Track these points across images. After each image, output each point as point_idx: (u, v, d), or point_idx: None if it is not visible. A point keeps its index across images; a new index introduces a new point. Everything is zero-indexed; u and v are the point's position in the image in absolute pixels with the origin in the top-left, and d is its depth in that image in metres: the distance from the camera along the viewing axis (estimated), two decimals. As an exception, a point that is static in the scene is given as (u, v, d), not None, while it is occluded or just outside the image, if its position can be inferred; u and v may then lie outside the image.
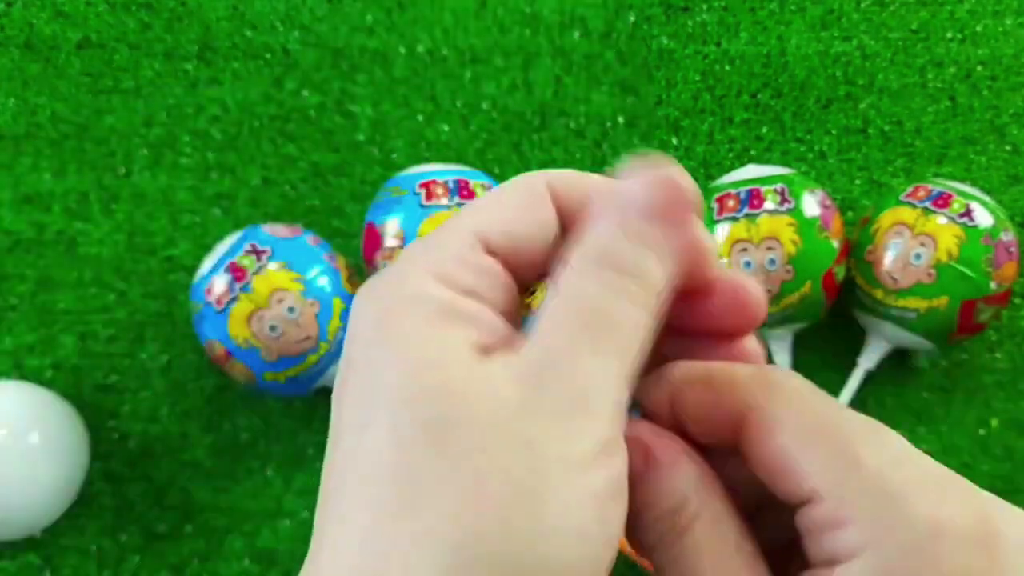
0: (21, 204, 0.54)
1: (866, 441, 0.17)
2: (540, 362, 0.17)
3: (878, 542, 0.16)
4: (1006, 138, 0.58)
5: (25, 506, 0.46)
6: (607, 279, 0.18)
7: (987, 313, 0.47)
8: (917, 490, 0.16)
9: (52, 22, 0.58)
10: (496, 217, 0.19)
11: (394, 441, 0.16)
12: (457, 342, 0.17)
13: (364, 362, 0.17)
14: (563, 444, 0.16)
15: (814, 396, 0.18)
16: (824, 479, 0.17)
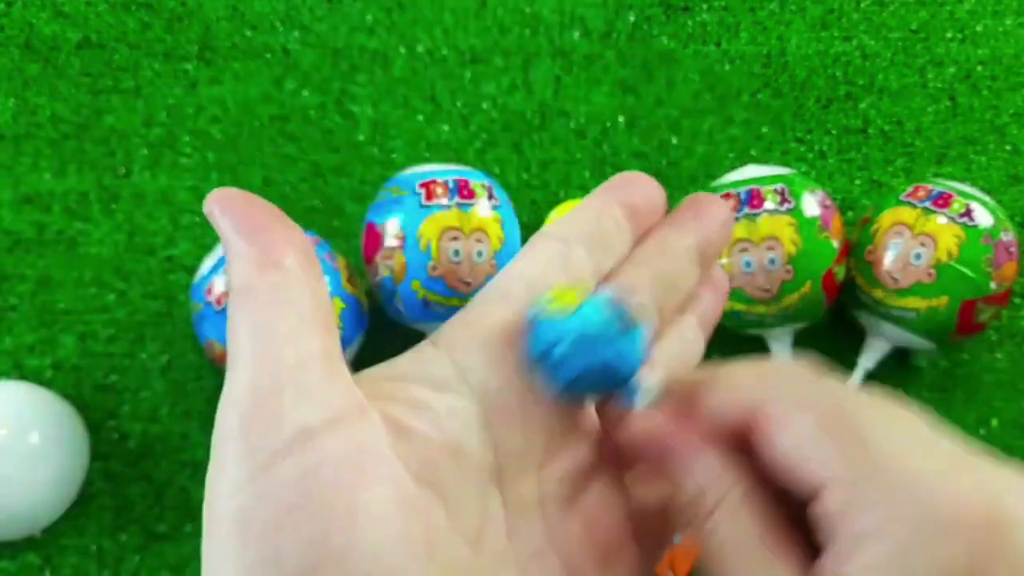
0: (21, 204, 0.54)
1: (877, 428, 0.17)
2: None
3: (893, 529, 0.16)
4: (1006, 138, 0.58)
5: (25, 506, 0.46)
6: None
7: (987, 313, 0.47)
8: (930, 477, 0.16)
9: (52, 22, 0.58)
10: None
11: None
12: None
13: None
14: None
15: (817, 387, 0.18)
16: (836, 469, 0.17)
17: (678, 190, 0.56)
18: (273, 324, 0.18)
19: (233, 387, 0.18)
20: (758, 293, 0.46)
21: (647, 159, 0.57)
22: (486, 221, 0.47)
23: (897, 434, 0.17)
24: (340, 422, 0.17)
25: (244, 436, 0.17)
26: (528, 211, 0.56)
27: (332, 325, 0.19)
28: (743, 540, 0.18)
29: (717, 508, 0.19)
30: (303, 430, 0.17)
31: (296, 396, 0.17)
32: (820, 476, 0.17)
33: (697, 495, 0.19)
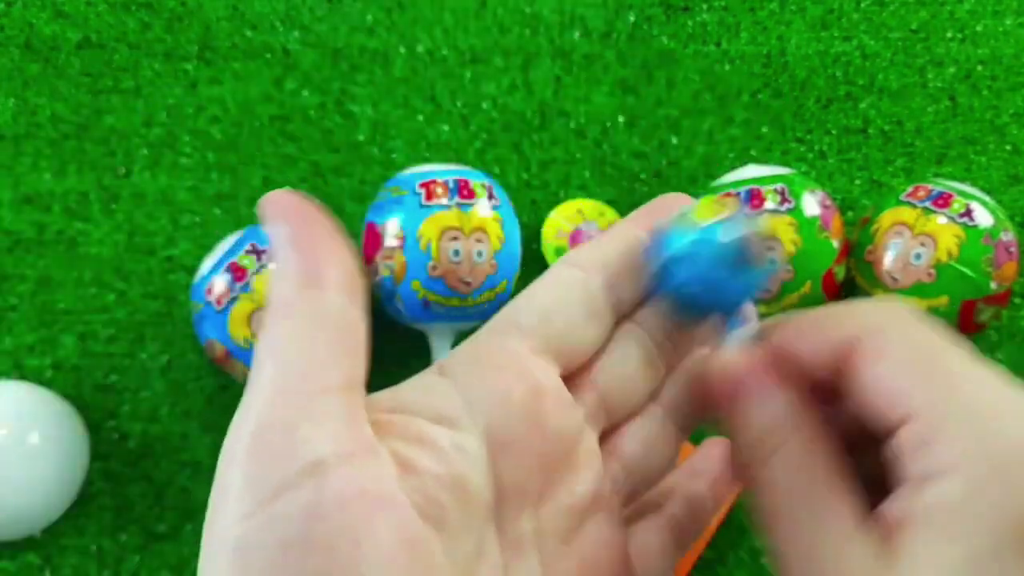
0: (21, 204, 0.54)
1: (963, 368, 0.17)
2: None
3: (970, 463, 0.16)
4: (1006, 138, 0.58)
5: (25, 506, 0.46)
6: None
7: (987, 313, 0.47)
8: (1010, 414, 0.16)
9: (52, 22, 0.58)
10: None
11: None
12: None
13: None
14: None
15: (916, 324, 0.18)
16: (921, 400, 0.17)
17: (678, 190, 0.56)
18: (300, 349, 0.17)
19: (247, 411, 0.17)
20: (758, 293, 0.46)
21: (647, 159, 0.57)
22: (486, 221, 0.47)
23: (985, 377, 0.17)
24: (351, 458, 0.17)
25: (252, 464, 0.17)
26: (528, 211, 0.56)
27: (362, 353, 0.18)
28: (798, 483, 0.18)
29: (779, 449, 0.19)
30: (313, 464, 0.16)
31: (310, 429, 0.17)
32: (906, 405, 0.17)
33: (762, 434, 0.19)
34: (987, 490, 0.16)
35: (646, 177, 0.57)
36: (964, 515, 0.16)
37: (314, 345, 0.17)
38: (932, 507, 0.16)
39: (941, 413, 0.17)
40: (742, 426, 0.19)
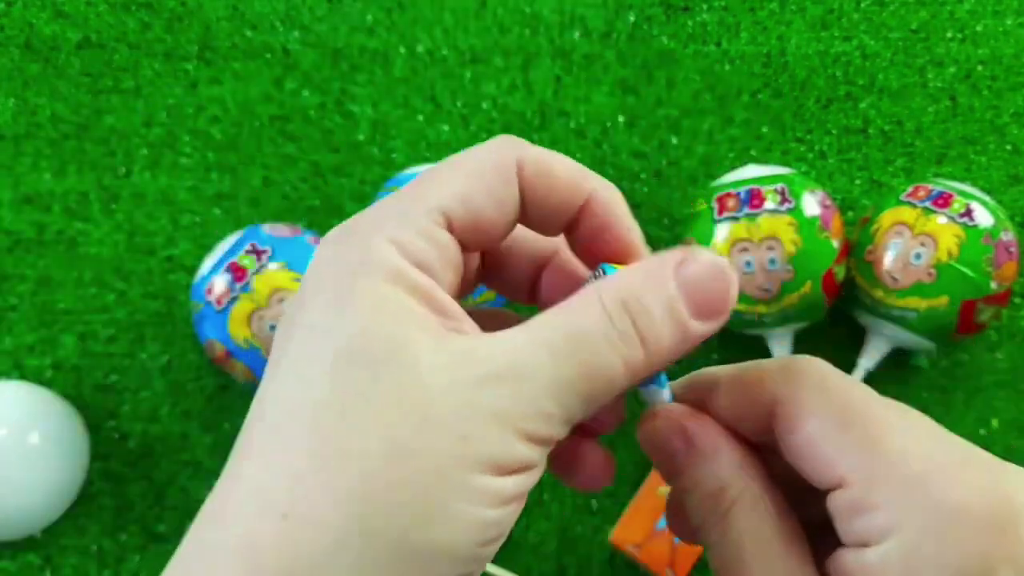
0: (21, 204, 0.54)
1: (891, 426, 0.18)
2: (508, 367, 0.17)
3: (904, 526, 0.16)
4: (1006, 138, 0.58)
5: (25, 506, 0.46)
6: (617, 329, 0.18)
7: (987, 313, 0.47)
8: (940, 474, 0.17)
9: (52, 22, 0.58)
10: (460, 193, 0.19)
11: (333, 381, 0.17)
12: (410, 318, 0.17)
13: (315, 313, 0.17)
14: (493, 448, 0.17)
15: (839, 382, 0.19)
16: (851, 466, 0.17)
17: (678, 190, 0.56)
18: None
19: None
20: (758, 293, 0.46)
21: (647, 159, 0.57)
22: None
23: (910, 432, 0.18)
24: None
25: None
26: (528, 211, 0.56)
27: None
28: (760, 534, 0.19)
29: (737, 502, 0.19)
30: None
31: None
32: (837, 471, 0.18)
33: (719, 488, 0.19)
34: (922, 550, 0.16)
35: (646, 177, 0.57)
36: (908, 570, 0.16)
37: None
38: (873, 566, 0.17)
39: (873, 481, 0.17)
40: (696, 483, 0.20)
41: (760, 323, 0.48)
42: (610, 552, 0.49)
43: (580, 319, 0.18)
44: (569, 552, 0.49)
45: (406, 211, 0.19)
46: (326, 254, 0.19)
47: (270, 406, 0.17)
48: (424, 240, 0.18)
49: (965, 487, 0.17)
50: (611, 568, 0.49)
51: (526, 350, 0.17)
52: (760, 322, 0.48)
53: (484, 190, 0.19)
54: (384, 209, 0.19)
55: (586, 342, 0.17)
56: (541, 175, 0.20)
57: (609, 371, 0.18)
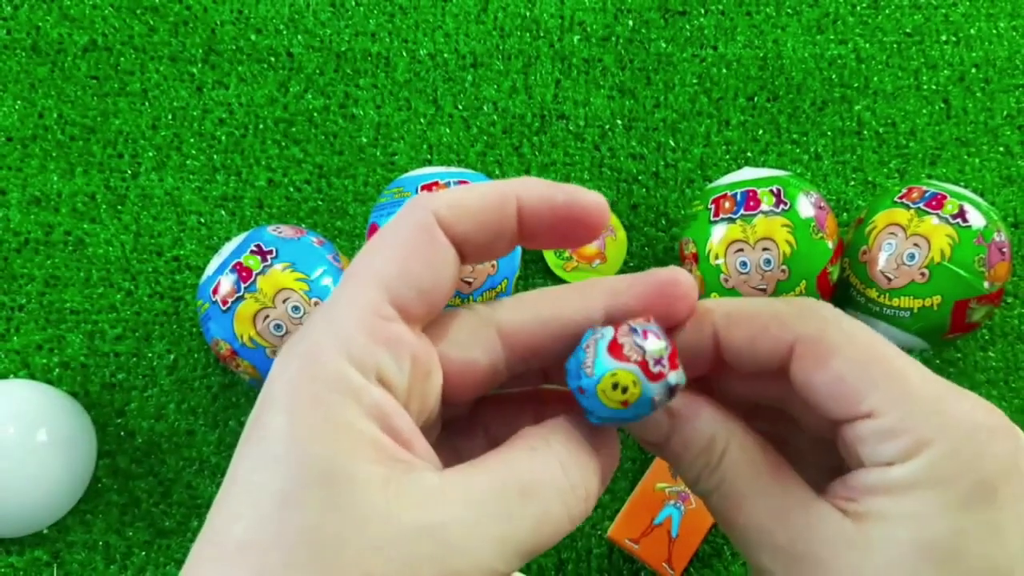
0: (29, 205, 0.55)
1: (904, 359, 0.19)
2: (438, 515, 0.17)
3: (933, 443, 0.18)
4: (999, 140, 0.58)
5: (33, 503, 0.46)
6: (570, 482, 0.18)
7: (980, 313, 0.47)
8: (958, 400, 0.19)
9: (59, 25, 0.59)
10: (396, 267, 0.19)
11: (270, 543, 0.16)
12: (360, 451, 0.17)
13: (269, 442, 0.17)
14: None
15: (853, 324, 0.20)
16: (882, 398, 0.19)
17: (675, 192, 0.57)
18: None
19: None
20: (753, 293, 0.47)
21: (645, 161, 0.58)
22: (487, 222, 0.48)
23: (922, 369, 0.19)
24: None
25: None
26: (528, 212, 0.56)
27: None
28: (754, 470, 0.20)
29: (727, 449, 0.20)
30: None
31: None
32: (867, 404, 0.19)
33: (708, 442, 0.20)
34: (949, 461, 0.18)
35: (644, 179, 0.57)
36: (932, 481, 0.18)
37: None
38: (901, 479, 0.18)
39: (901, 409, 0.18)
40: (686, 443, 0.21)
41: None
42: (608, 547, 0.50)
43: (536, 470, 0.18)
44: (568, 547, 0.50)
45: (348, 309, 0.18)
46: (280, 367, 0.18)
47: (220, 535, 0.17)
48: (372, 339, 0.18)
49: (977, 410, 0.19)
50: (609, 562, 0.49)
51: (475, 503, 0.17)
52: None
53: (412, 253, 0.19)
54: (328, 310, 0.19)
55: (538, 497, 0.18)
56: (462, 217, 0.20)
57: (556, 526, 0.18)
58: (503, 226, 0.20)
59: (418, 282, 0.19)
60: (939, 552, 0.18)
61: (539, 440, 0.19)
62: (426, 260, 0.19)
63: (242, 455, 0.17)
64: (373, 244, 0.19)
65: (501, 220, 0.20)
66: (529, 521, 0.17)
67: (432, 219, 0.19)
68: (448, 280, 0.20)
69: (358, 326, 0.18)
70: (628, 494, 0.49)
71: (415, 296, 0.19)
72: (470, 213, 0.20)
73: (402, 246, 0.19)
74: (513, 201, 0.20)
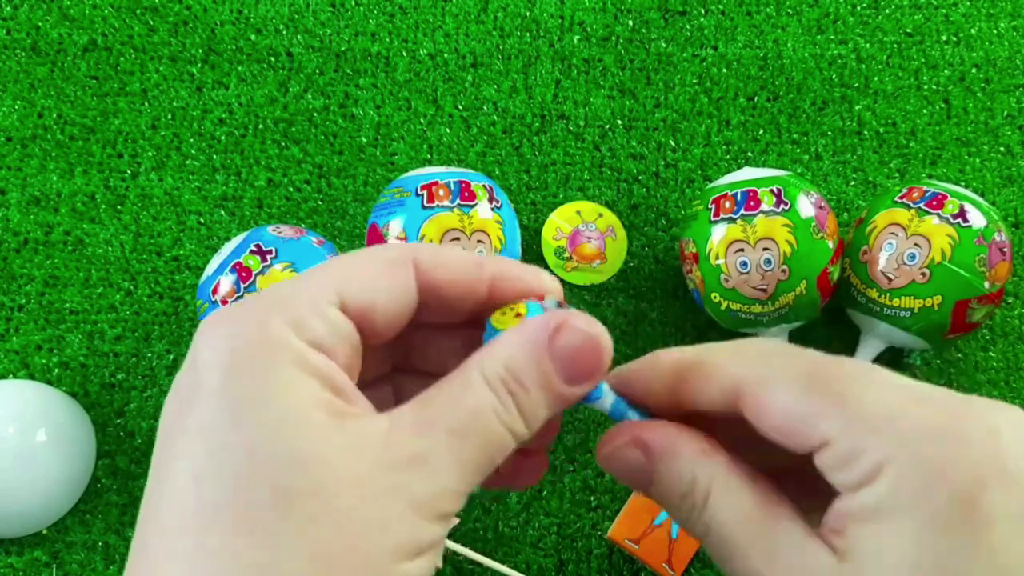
0: (29, 205, 0.55)
1: (851, 377, 0.19)
2: (416, 453, 0.18)
3: (893, 459, 0.18)
4: (999, 140, 0.58)
5: (32, 503, 0.46)
6: (503, 404, 0.19)
7: (980, 312, 0.47)
8: (913, 407, 0.18)
9: (58, 25, 0.59)
10: (357, 277, 0.20)
11: (238, 503, 0.16)
12: (309, 402, 0.18)
13: (211, 412, 0.17)
14: (411, 534, 0.18)
15: (789, 353, 0.20)
16: (830, 425, 0.18)
17: (675, 192, 0.57)
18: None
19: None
20: (754, 293, 0.47)
21: (645, 161, 0.58)
22: (487, 223, 0.48)
23: (869, 378, 0.19)
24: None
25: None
26: (528, 213, 0.56)
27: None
28: (742, 513, 0.20)
29: (711, 491, 0.20)
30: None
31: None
32: (817, 434, 0.19)
33: (690, 482, 0.20)
34: (916, 476, 0.17)
35: (644, 179, 0.57)
36: (901, 503, 0.17)
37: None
38: (872, 504, 0.18)
39: (851, 431, 0.18)
40: (668, 487, 0.21)
41: (755, 322, 0.49)
42: (609, 547, 0.50)
43: (471, 398, 0.19)
44: (568, 547, 0.50)
45: (299, 291, 0.19)
46: (214, 340, 0.18)
47: (163, 528, 0.17)
48: (319, 320, 0.19)
49: (940, 414, 0.18)
50: (609, 563, 0.49)
51: (429, 433, 0.18)
52: (755, 321, 0.49)
53: (377, 277, 0.20)
54: (276, 292, 0.19)
55: (479, 420, 0.19)
56: (439, 268, 0.21)
57: (500, 441, 0.19)
58: (474, 288, 0.21)
59: (369, 292, 0.20)
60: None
61: (465, 376, 0.19)
62: (385, 282, 0.20)
63: (173, 443, 0.18)
64: (341, 256, 0.20)
65: (473, 282, 0.21)
66: (475, 444, 0.19)
67: (409, 256, 0.20)
68: (400, 306, 0.20)
69: (299, 306, 0.19)
70: (628, 495, 0.49)
71: (364, 308, 0.20)
72: (447, 265, 0.21)
73: (365, 264, 0.20)
74: (488, 270, 0.21)
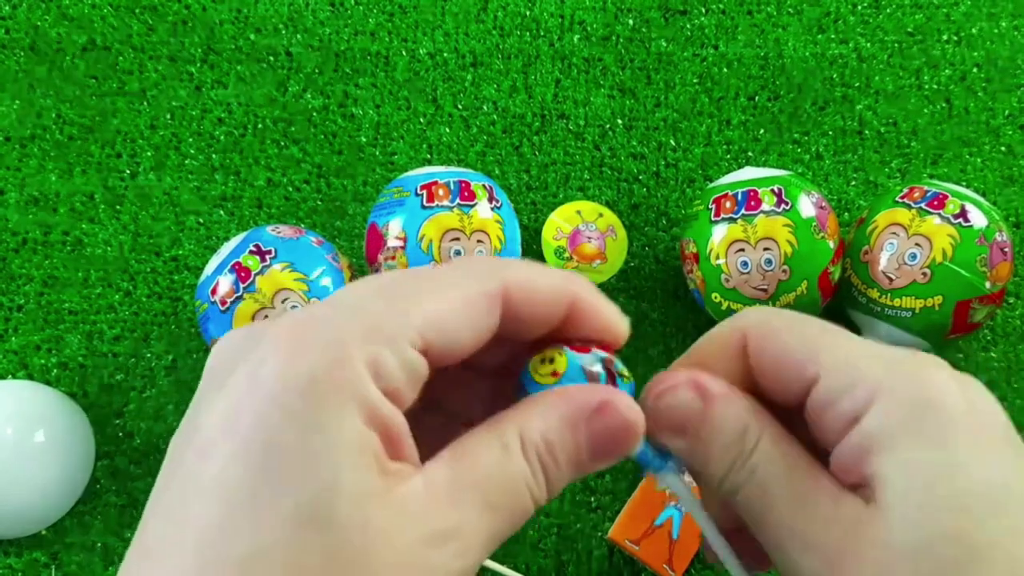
0: (27, 205, 0.55)
1: (836, 331, 0.21)
2: (451, 526, 0.18)
3: (883, 389, 0.19)
4: (1001, 139, 0.58)
5: (31, 504, 0.46)
6: (533, 473, 0.19)
7: (982, 313, 0.47)
8: (887, 351, 0.20)
9: (57, 24, 0.59)
10: (446, 312, 0.19)
11: (284, 552, 0.16)
12: (367, 461, 0.17)
13: (272, 430, 0.17)
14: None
15: (795, 315, 0.22)
16: (823, 360, 0.20)
17: (676, 191, 0.57)
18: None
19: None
20: (754, 293, 0.47)
21: (645, 161, 0.57)
22: (487, 222, 0.48)
23: (850, 335, 0.21)
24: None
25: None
26: (528, 213, 0.56)
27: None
28: (791, 464, 0.20)
29: (760, 440, 0.21)
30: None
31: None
32: (811, 369, 0.20)
33: (742, 429, 0.21)
34: (906, 403, 0.19)
35: (644, 178, 0.57)
36: (899, 426, 0.19)
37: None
38: (875, 430, 0.19)
39: (841, 365, 0.20)
40: (718, 430, 0.21)
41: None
42: (609, 548, 0.49)
43: (509, 468, 0.19)
44: (568, 548, 0.50)
45: (385, 323, 0.18)
46: (289, 355, 0.17)
47: (212, 548, 0.17)
48: (399, 364, 0.18)
49: (913, 357, 0.20)
50: (610, 564, 0.49)
51: (464, 504, 0.18)
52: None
53: (468, 318, 0.19)
54: (361, 314, 0.18)
55: (514, 493, 0.19)
56: (526, 299, 0.20)
57: (526, 513, 0.19)
58: (553, 316, 0.21)
59: (453, 333, 0.19)
60: (942, 499, 0.18)
61: (502, 441, 0.19)
62: (471, 320, 0.19)
63: (228, 429, 0.17)
64: (432, 279, 0.19)
65: (554, 313, 0.21)
66: (508, 517, 0.19)
67: (501, 287, 0.20)
68: (479, 340, 0.20)
69: (382, 346, 0.18)
70: (629, 495, 0.49)
71: (443, 349, 0.19)
72: (538, 293, 0.20)
73: (459, 301, 0.19)
74: (572, 292, 0.21)
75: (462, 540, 0.18)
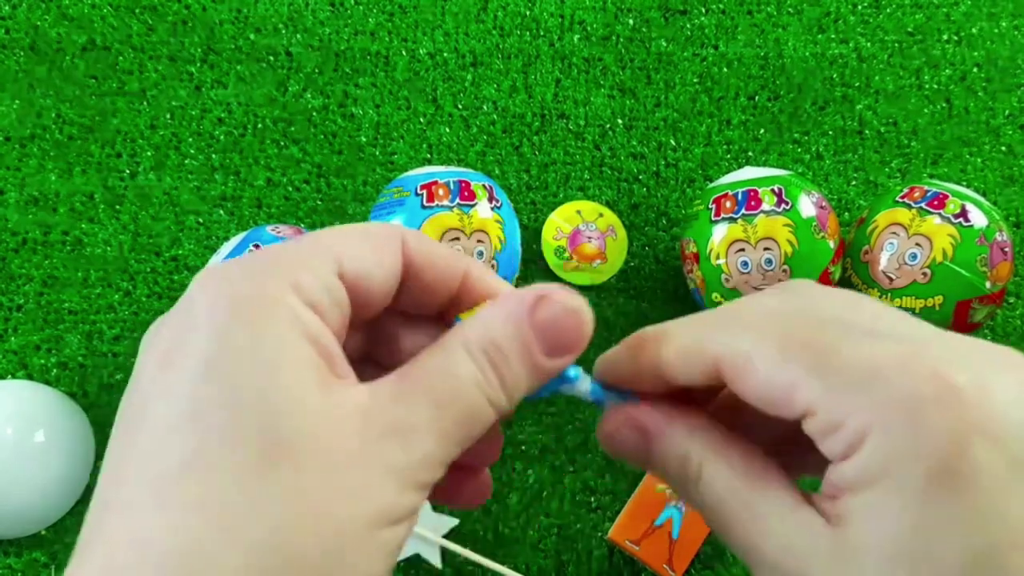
0: (27, 205, 0.55)
1: (826, 333, 0.19)
2: (400, 421, 0.18)
3: (873, 428, 0.18)
4: (1001, 139, 0.58)
5: (31, 504, 0.46)
6: (485, 376, 0.19)
7: (982, 313, 0.47)
8: (888, 370, 0.18)
9: (57, 24, 0.59)
10: (354, 247, 0.20)
11: (224, 451, 0.17)
12: (301, 363, 0.18)
13: (206, 354, 0.17)
14: (391, 501, 0.18)
15: (758, 315, 0.20)
16: (810, 395, 0.18)
17: (676, 191, 0.57)
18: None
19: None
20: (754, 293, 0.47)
21: (645, 160, 0.57)
22: (487, 222, 0.48)
23: (846, 332, 0.19)
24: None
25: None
26: (528, 212, 0.56)
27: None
28: (734, 484, 0.20)
29: (703, 465, 0.20)
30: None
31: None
32: (800, 404, 0.19)
33: (683, 458, 0.21)
34: (897, 445, 0.17)
35: (644, 178, 0.57)
36: (886, 470, 0.17)
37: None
38: (859, 472, 0.18)
39: (830, 400, 0.18)
40: (664, 463, 0.21)
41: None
42: (609, 548, 0.49)
43: (453, 369, 0.19)
44: (568, 548, 0.50)
45: (298, 255, 0.19)
46: (213, 289, 0.18)
47: (139, 476, 0.17)
48: (318, 283, 0.19)
49: (913, 377, 0.17)
50: (610, 564, 0.49)
51: (410, 403, 0.19)
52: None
53: (375, 254, 0.20)
54: (276, 253, 0.19)
55: (460, 391, 0.19)
56: (423, 252, 0.21)
57: (481, 413, 0.19)
58: (450, 279, 0.22)
59: (363, 264, 0.20)
60: (909, 555, 0.17)
61: (447, 346, 0.20)
62: (378, 256, 0.20)
63: (166, 379, 0.18)
64: (337, 228, 0.21)
65: (451, 272, 0.22)
66: (457, 414, 0.19)
67: (398, 235, 0.21)
68: (386, 281, 0.21)
69: (302, 269, 0.19)
70: (629, 495, 0.49)
71: (357, 282, 0.20)
72: (431, 250, 0.21)
73: (365, 238, 0.20)
74: (465, 263, 0.22)
75: (409, 433, 0.18)
